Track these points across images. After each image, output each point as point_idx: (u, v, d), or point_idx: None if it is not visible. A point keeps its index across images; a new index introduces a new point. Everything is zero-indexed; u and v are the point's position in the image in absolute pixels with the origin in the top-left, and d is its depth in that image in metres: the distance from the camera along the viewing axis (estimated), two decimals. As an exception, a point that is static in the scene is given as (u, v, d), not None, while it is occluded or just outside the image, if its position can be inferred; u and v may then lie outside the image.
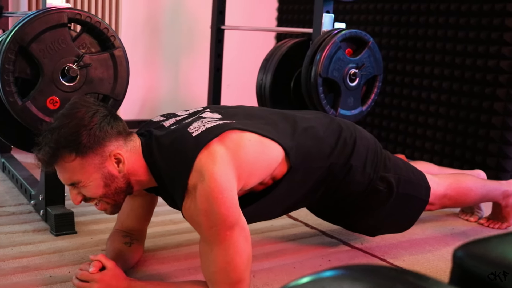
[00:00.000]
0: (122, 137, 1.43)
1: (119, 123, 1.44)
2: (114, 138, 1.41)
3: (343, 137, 1.68)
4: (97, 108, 1.40)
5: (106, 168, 1.40)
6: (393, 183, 1.76)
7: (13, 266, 1.65)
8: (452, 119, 2.91)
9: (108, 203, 1.45)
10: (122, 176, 1.42)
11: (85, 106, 1.40)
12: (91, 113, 1.38)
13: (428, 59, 3.02)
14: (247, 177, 1.46)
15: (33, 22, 1.72)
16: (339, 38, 2.38)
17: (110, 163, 1.40)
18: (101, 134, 1.38)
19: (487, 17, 2.72)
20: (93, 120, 1.37)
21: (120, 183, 1.42)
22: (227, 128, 1.44)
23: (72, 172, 1.38)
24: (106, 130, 1.39)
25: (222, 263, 1.36)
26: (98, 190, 1.41)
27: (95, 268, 1.43)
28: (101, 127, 1.38)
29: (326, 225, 2.13)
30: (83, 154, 1.36)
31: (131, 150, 1.44)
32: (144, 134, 1.51)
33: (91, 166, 1.38)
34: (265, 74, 2.64)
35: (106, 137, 1.39)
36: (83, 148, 1.36)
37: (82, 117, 1.37)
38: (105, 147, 1.39)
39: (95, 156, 1.38)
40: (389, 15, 3.22)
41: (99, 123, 1.38)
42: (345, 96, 2.44)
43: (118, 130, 1.42)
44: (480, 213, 2.31)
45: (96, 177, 1.39)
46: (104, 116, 1.40)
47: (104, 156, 1.39)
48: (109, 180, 1.40)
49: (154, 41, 3.79)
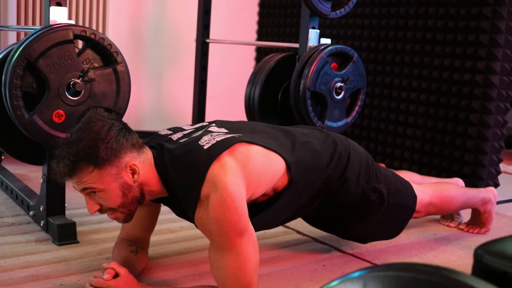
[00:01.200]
0: (136, 149, 1.51)
1: (133, 136, 1.51)
2: (129, 150, 1.48)
3: (338, 151, 1.79)
4: (113, 122, 1.48)
5: (122, 178, 1.47)
6: (384, 193, 1.87)
7: (22, 275, 1.70)
8: (430, 129, 3.05)
9: (122, 212, 1.52)
10: (137, 186, 1.49)
11: (101, 120, 1.47)
12: (108, 127, 1.45)
13: (406, 72, 3.16)
14: (254, 187, 1.55)
15: (40, 39, 1.78)
16: (326, 53, 2.49)
17: (126, 173, 1.47)
18: (117, 147, 1.45)
19: (462, 33, 2.87)
20: (110, 133, 1.45)
21: (136, 193, 1.50)
22: (236, 141, 1.52)
23: (91, 182, 1.45)
24: (122, 143, 1.46)
25: (233, 268, 1.45)
26: (117, 199, 1.48)
27: (109, 275, 1.50)
28: (117, 140, 1.45)
29: (317, 232, 2.23)
30: (100, 166, 1.43)
31: (144, 162, 1.52)
32: (155, 147, 1.59)
33: (109, 177, 1.45)
34: (254, 87, 2.74)
35: (122, 150, 1.46)
36: (101, 160, 1.43)
37: (99, 131, 1.44)
38: (121, 158, 1.46)
39: (111, 167, 1.45)
40: (369, 30, 3.36)
41: (115, 136, 1.45)
42: (331, 109, 2.56)
43: (132, 142, 1.50)
44: (460, 219, 2.44)
45: (114, 186, 1.46)
46: (119, 130, 1.47)
47: (120, 167, 1.46)
48: (126, 190, 1.48)
49: (139, 54, 3.86)
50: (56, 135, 1.84)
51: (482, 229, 2.35)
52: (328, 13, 2.57)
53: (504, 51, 2.77)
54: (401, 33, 3.17)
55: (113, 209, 1.50)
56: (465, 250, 2.17)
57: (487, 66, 2.77)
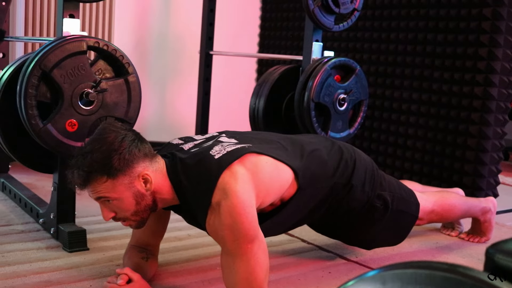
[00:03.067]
0: (148, 158, 1.55)
1: (145, 146, 1.56)
2: (142, 160, 1.53)
3: (344, 159, 1.84)
4: (126, 133, 1.52)
5: (135, 187, 1.51)
6: (389, 200, 1.92)
7: (35, 281, 1.73)
8: (430, 141, 3.11)
9: (135, 220, 1.57)
10: (149, 194, 1.54)
11: (114, 131, 1.51)
12: (121, 138, 1.50)
13: (406, 84, 3.22)
14: (263, 196, 1.59)
15: (55, 50, 1.83)
16: (329, 65, 2.55)
17: (139, 183, 1.52)
18: (130, 157, 1.50)
19: (461, 47, 2.93)
20: (123, 144, 1.49)
21: (149, 201, 1.55)
22: (246, 152, 1.57)
23: (105, 192, 1.50)
24: (135, 153, 1.51)
25: (244, 273, 1.49)
26: (131, 207, 1.53)
27: (123, 280, 1.54)
28: (130, 151, 1.50)
29: (321, 240, 2.27)
30: (114, 176, 1.48)
31: (157, 171, 1.56)
32: (168, 156, 1.63)
33: (122, 186, 1.50)
34: (258, 98, 2.79)
35: (135, 160, 1.51)
36: (114, 171, 1.48)
37: (112, 142, 1.49)
38: (134, 168, 1.51)
39: (124, 177, 1.50)
40: (369, 43, 3.42)
41: (128, 147, 1.50)
42: (335, 120, 2.61)
43: (145, 152, 1.55)
44: (460, 228, 2.49)
45: (128, 195, 1.51)
46: (132, 140, 1.52)
47: (133, 176, 1.51)
48: (139, 198, 1.52)
49: (143, 64, 3.91)
50: (69, 144, 1.88)
51: (482, 238, 2.40)
52: (331, 27, 2.63)
53: (503, 64, 2.83)
54: (401, 46, 3.24)
55: (127, 216, 1.55)
56: (466, 258, 2.21)
57: (485, 78, 2.83)
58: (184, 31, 3.98)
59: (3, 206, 2.50)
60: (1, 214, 2.37)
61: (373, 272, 0.81)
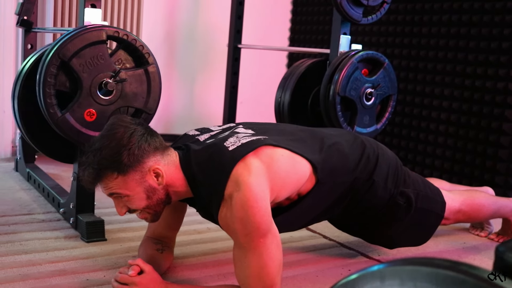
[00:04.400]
0: (159, 152, 1.52)
1: (155, 139, 1.52)
2: (152, 154, 1.50)
3: (366, 153, 1.78)
4: (135, 127, 1.49)
5: (147, 182, 1.49)
6: (412, 198, 1.85)
7: (50, 270, 1.73)
8: (462, 138, 3.01)
9: (149, 213, 1.55)
10: (161, 188, 1.51)
11: (123, 126, 1.48)
12: (129, 133, 1.47)
13: (438, 80, 3.13)
14: (278, 190, 1.55)
15: (74, 39, 1.82)
16: (356, 59, 2.48)
17: (150, 177, 1.49)
18: (139, 153, 1.47)
19: (496, 41, 2.83)
20: (132, 140, 1.46)
21: (161, 195, 1.52)
22: (261, 144, 1.53)
23: (116, 188, 1.49)
24: (144, 148, 1.48)
25: (256, 268, 1.45)
26: (142, 202, 1.51)
27: (134, 271, 1.52)
28: (139, 146, 1.47)
29: (343, 237, 2.22)
30: (124, 172, 1.46)
31: (169, 164, 1.53)
32: (182, 148, 1.60)
33: (133, 182, 1.48)
34: (284, 92, 2.74)
35: (145, 155, 1.48)
36: (124, 167, 1.45)
37: (121, 138, 1.46)
38: (144, 163, 1.48)
39: (135, 172, 1.47)
40: (401, 37, 3.34)
41: (137, 142, 1.47)
42: (361, 114, 2.54)
43: (155, 146, 1.51)
44: (490, 228, 2.40)
45: (139, 190, 1.49)
46: (141, 135, 1.48)
47: (144, 171, 1.48)
48: (151, 193, 1.50)
49: (172, 57, 3.91)
50: (87, 134, 1.88)
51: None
52: (359, 19, 2.57)
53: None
54: (434, 41, 3.15)
55: (140, 210, 1.53)
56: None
57: (521, 74, 2.73)
58: (213, 24, 3.96)
59: (27, 196, 2.51)
60: (24, 203, 2.39)
61: (373, 268, 0.77)
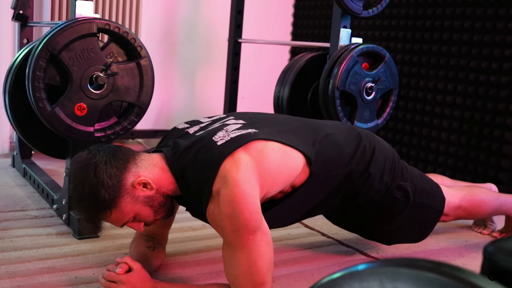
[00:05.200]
0: (131, 164, 1.46)
1: (119, 156, 1.45)
2: (126, 171, 1.44)
3: (362, 145, 1.73)
4: (94, 160, 1.42)
5: (140, 197, 1.45)
6: (410, 192, 1.80)
7: (39, 267, 1.70)
8: (465, 134, 2.95)
9: (163, 216, 1.53)
10: (155, 192, 1.47)
11: (84, 166, 1.42)
12: (93, 170, 1.41)
13: (441, 75, 3.07)
14: (269, 185, 1.50)
15: (64, 31, 1.78)
16: (356, 52, 2.43)
17: (139, 191, 1.45)
18: (114, 180, 1.41)
19: (501, 35, 2.77)
20: (98, 175, 1.40)
21: (159, 198, 1.48)
22: (251, 139, 1.48)
23: (121, 219, 1.46)
24: (115, 173, 1.42)
25: (245, 266, 1.41)
26: (149, 212, 1.48)
27: (122, 269, 1.48)
28: (109, 175, 1.41)
29: (342, 235, 2.17)
30: (114, 205, 1.42)
31: (147, 168, 1.48)
32: (168, 145, 1.56)
33: (128, 206, 1.44)
34: (283, 86, 2.70)
35: (120, 177, 1.42)
36: (111, 202, 1.41)
37: (89, 180, 1.40)
38: (125, 185, 1.43)
39: (123, 198, 1.43)
40: (404, 31, 3.28)
41: (104, 173, 1.41)
42: (361, 109, 2.49)
43: (123, 162, 1.45)
44: (493, 226, 2.35)
45: (139, 207, 1.45)
46: (104, 163, 1.42)
47: (130, 191, 1.44)
48: (150, 201, 1.47)
49: (172, 52, 3.86)
50: (78, 128, 1.84)
51: (516, 237, 2.25)
52: (359, 12, 2.51)
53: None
54: (437, 35, 3.09)
55: (153, 218, 1.51)
56: (497, 258, 2.07)
57: (526, 68, 2.67)
58: (214, 19, 3.91)
59: (22, 192, 2.48)
60: (18, 199, 2.36)
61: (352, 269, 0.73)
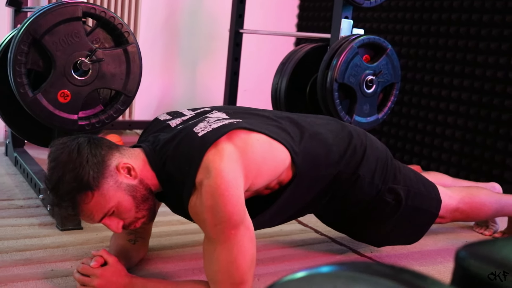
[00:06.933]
0: (114, 150, 1.41)
1: (102, 141, 1.41)
2: (110, 153, 1.39)
3: (353, 145, 1.64)
4: (77, 141, 1.37)
5: (123, 183, 1.38)
6: (402, 195, 1.71)
7: (15, 258, 1.64)
8: (470, 131, 2.86)
9: (143, 215, 1.43)
10: (138, 182, 1.40)
11: (64, 147, 1.36)
12: (76, 149, 1.35)
13: (447, 69, 2.97)
14: (254, 176, 1.43)
15: (47, 15, 1.72)
16: (356, 43, 2.34)
17: (123, 176, 1.38)
18: (98, 159, 1.35)
19: (509, 29, 2.67)
20: (82, 153, 1.34)
21: (142, 191, 1.40)
22: (234, 127, 1.41)
23: (101, 206, 1.36)
24: (99, 152, 1.36)
25: (225, 262, 1.34)
26: (131, 206, 1.39)
27: (97, 263, 1.41)
28: (93, 154, 1.35)
29: (335, 232, 2.09)
30: (97, 186, 1.34)
31: (131, 157, 1.42)
32: (149, 140, 1.49)
33: (111, 190, 1.36)
34: (281, 78, 2.62)
35: (105, 157, 1.37)
36: (94, 181, 1.33)
37: (70, 159, 1.34)
38: (109, 166, 1.37)
39: (106, 179, 1.35)
40: (409, 24, 3.18)
41: (89, 151, 1.35)
42: (361, 103, 2.41)
43: (107, 145, 1.40)
44: (495, 227, 2.25)
45: (121, 194, 1.37)
46: (88, 143, 1.37)
47: (114, 173, 1.37)
48: (133, 192, 1.39)
49: (173, 42, 3.79)
50: (60, 116, 1.77)
51: (518, 239, 2.16)
52: (361, 2, 2.43)
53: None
54: (443, 28, 2.99)
55: (134, 216, 1.41)
56: (496, 260, 1.99)
57: (534, 64, 2.57)
58: (216, 8, 3.83)
59: (11, 181, 2.43)
60: (6, 188, 2.30)
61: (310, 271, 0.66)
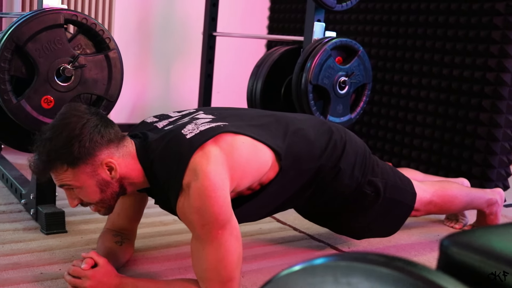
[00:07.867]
0: (113, 144, 1.44)
1: (109, 131, 1.44)
2: (105, 146, 1.42)
3: (333, 140, 1.72)
4: (88, 118, 1.41)
5: (99, 176, 1.42)
6: (380, 188, 1.80)
7: (3, 263, 1.66)
8: (439, 128, 2.96)
9: (103, 206, 1.48)
10: (115, 181, 1.45)
11: (76, 115, 1.40)
12: (82, 124, 1.39)
13: (416, 69, 3.07)
14: (239, 178, 1.49)
15: (30, 22, 1.74)
16: (329, 46, 2.42)
17: (103, 170, 1.42)
18: (91, 145, 1.39)
19: (474, 30, 2.78)
20: (83, 131, 1.38)
21: (115, 188, 1.45)
22: (221, 131, 1.46)
23: (67, 180, 1.42)
24: (96, 141, 1.40)
25: (213, 261, 1.39)
26: (95, 195, 1.44)
27: (87, 264, 1.45)
28: (91, 138, 1.39)
29: (313, 229, 2.16)
30: (74, 165, 1.39)
31: (124, 155, 1.46)
32: (139, 136, 1.53)
33: (84, 175, 1.41)
34: (256, 80, 2.68)
35: (97, 147, 1.40)
36: (74, 160, 1.38)
37: (73, 128, 1.38)
38: (96, 156, 1.41)
39: (86, 166, 1.40)
40: (379, 26, 3.28)
41: (89, 134, 1.39)
42: (335, 103, 2.48)
43: (109, 138, 1.43)
44: (465, 220, 2.36)
45: (91, 183, 1.42)
46: (94, 126, 1.41)
47: (96, 165, 1.41)
48: (104, 186, 1.43)
49: (146, 45, 3.82)
50: (44, 121, 1.79)
51: (487, 232, 2.26)
52: (333, 6, 2.50)
53: (517, 48, 2.67)
54: (412, 29, 3.09)
55: (93, 203, 1.47)
56: (467, 252, 2.08)
57: (498, 63, 2.68)
58: (189, 12, 3.87)
59: (-10, 186, 2.44)
60: (-15, 194, 2.31)
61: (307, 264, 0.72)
